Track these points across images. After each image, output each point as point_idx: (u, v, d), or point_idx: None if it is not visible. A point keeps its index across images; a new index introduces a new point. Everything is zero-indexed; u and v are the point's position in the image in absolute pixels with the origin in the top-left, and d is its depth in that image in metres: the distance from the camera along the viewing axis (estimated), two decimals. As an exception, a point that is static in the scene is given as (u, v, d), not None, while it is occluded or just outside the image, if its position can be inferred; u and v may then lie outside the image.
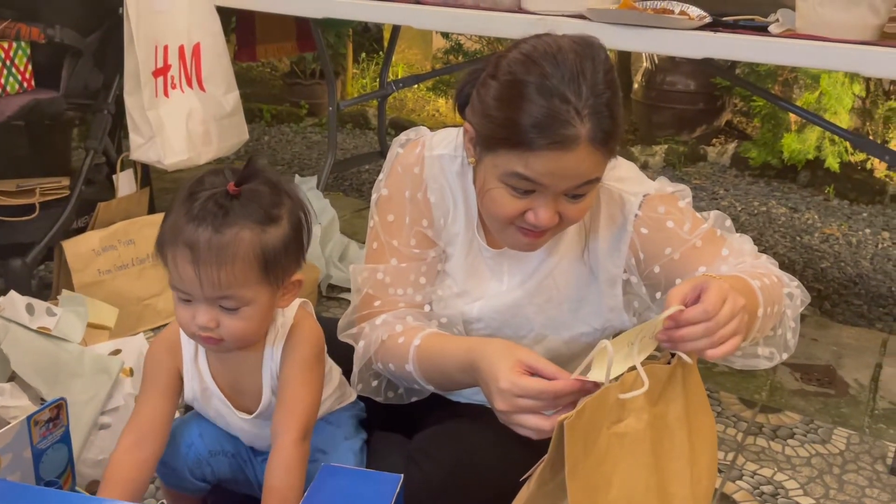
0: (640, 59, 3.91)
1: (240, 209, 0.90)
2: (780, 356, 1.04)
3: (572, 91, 0.92)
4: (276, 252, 0.92)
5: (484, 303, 1.13)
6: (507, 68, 0.96)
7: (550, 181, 0.95)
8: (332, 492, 0.83)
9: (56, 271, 1.86)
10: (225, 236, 0.89)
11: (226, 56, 2.12)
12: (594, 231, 1.10)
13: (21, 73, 1.73)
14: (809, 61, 1.51)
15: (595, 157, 0.95)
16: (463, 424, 1.15)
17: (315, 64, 4.00)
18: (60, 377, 1.35)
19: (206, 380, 1.03)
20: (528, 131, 0.92)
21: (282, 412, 1.00)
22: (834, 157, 3.05)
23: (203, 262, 0.89)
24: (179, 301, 0.94)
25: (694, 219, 1.08)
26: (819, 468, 1.53)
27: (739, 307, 0.87)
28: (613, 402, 0.85)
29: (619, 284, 1.11)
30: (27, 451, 1.10)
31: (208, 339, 0.95)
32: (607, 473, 0.84)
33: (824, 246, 2.68)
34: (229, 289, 0.91)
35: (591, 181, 0.98)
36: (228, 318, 0.93)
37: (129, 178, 1.97)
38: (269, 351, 1.01)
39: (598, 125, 0.93)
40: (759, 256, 1.07)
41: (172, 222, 0.92)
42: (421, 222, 1.14)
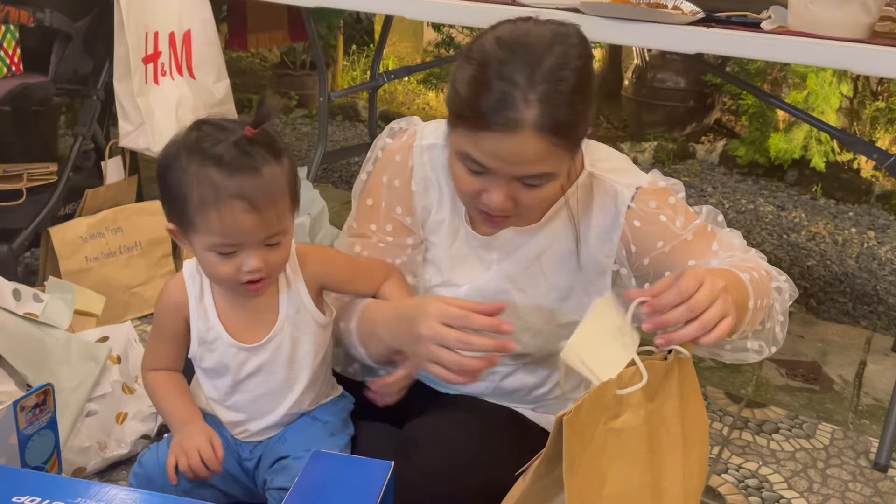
0: (630, 55, 3.92)
1: (261, 150, 0.95)
2: (768, 350, 1.05)
3: (524, 76, 0.92)
4: (295, 178, 1.00)
5: (469, 287, 1.14)
6: (477, 49, 0.97)
7: (496, 164, 0.96)
8: (322, 478, 0.83)
9: (42, 258, 1.84)
10: (266, 176, 0.94)
11: (216, 44, 2.10)
12: (585, 220, 1.10)
13: (10, 56, 1.70)
14: (801, 58, 1.52)
15: (541, 145, 0.93)
16: (452, 415, 1.16)
17: (305, 55, 3.98)
18: (47, 363, 1.34)
19: (211, 318, 1.05)
20: (477, 110, 0.93)
21: (369, 290, 1.10)
22: (820, 157, 3.07)
23: (262, 206, 0.94)
24: (220, 258, 0.97)
25: (686, 213, 1.09)
26: (803, 462, 1.55)
27: (719, 289, 0.86)
28: (611, 397, 0.85)
29: (608, 275, 1.11)
30: (13, 436, 1.09)
31: (254, 284, 0.99)
32: (602, 469, 0.85)
33: (811, 244, 2.70)
34: (280, 223, 0.97)
35: (545, 174, 0.97)
36: (272, 253, 0.99)
37: (118, 166, 1.96)
38: (283, 281, 1.05)
39: (547, 112, 0.91)
40: (749, 251, 1.08)
41: (205, 182, 0.93)
42: (395, 209, 1.15)
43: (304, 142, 3.60)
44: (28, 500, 0.77)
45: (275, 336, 1.06)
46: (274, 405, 1.10)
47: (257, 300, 1.05)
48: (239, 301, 1.05)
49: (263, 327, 1.06)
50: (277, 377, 1.08)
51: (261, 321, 1.06)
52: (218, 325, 1.05)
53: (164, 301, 1.09)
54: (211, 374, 1.09)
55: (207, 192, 0.93)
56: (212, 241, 0.96)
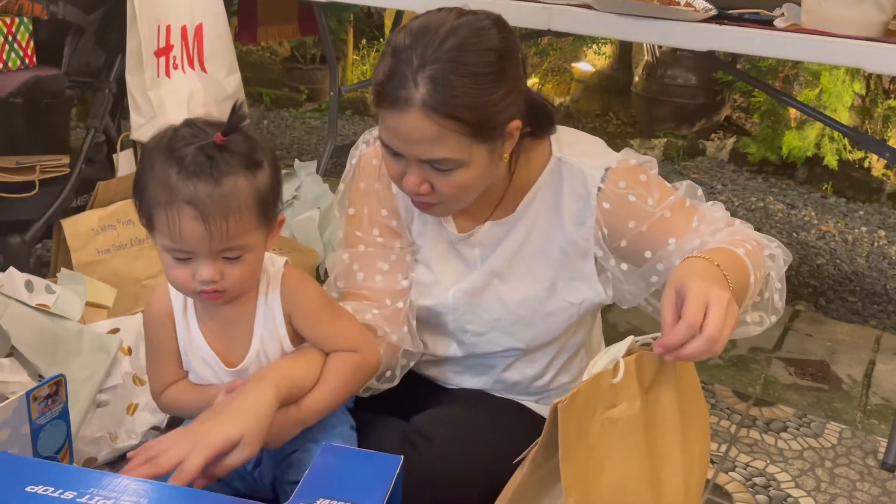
0: (641, 52, 3.91)
1: (230, 158, 0.91)
2: (769, 319, 1.04)
3: (418, 55, 0.94)
4: (267, 195, 0.94)
5: (457, 288, 1.14)
6: (392, 37, 1.00)
7: (397, 144, 0.98)
8: (332, 471, 0.84)
9: (55, 250, 1.85)
10: (225, 187, 0.90)
11: (228, 38, 2.11)
12: (558, 206, 1.10)
13: (23, 49, 1.71)
14: (814, 56, 1.51)
15: (431, 125, 0.94)
16: (459, 408, 1.16)
17: (315, 49, 3.98)
18: (59, 354, 1.35)
19: (193, 331, 1.02)
20: (377, 90, 0.97)
21: (327, 345, 1.02)
22: (832, 155, 3.06)
23: (211, 215, 0.89)
24: (175, 262, 0.94)
25: (661, 189, 1.07)
26: (811, 461, 1.55)
27: (725, 303, 0.85)
28: (607, 387, 0.85)
29: (591, 257, 1.11)
30: (25, 426, 1.10)
31: (210, 294, 0.95)
32: (600, 458, 0.85)
33: (820, 243, 2.69)
34: (236, 238, 0.92)
35: (446, 159, 0.97)
36: (231, 267, 0.94)
37: (129, 158, 1.96)
38: (262, 300, 1.01)
39: (437, 92, 0.93)
40: (733, 222, 1.06)
41: (162, 184, 0.90)
42: (380, 212, 1.15)
43: (313, 136, 3.60)
44: (41, 490, 0.78)
45: (250, 364, 1.02)
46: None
47: (234, 315, 1.01)
48: (219, 314, 1.01)
49: (241, 348, 1.02)
50: None
51: (238, 339, 1.02)
52: (200, 339, 1.02)
53: (153, 314, 1.05)
54: (200, 383, 1.07)
55: (161, 192, 0.90)
56: (164, 243, 0.93)
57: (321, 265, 2.13)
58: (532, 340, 1.15)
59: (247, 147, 0.93)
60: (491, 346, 1.16)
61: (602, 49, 4.09)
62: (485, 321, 1.14)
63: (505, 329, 1.14)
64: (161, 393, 1.07)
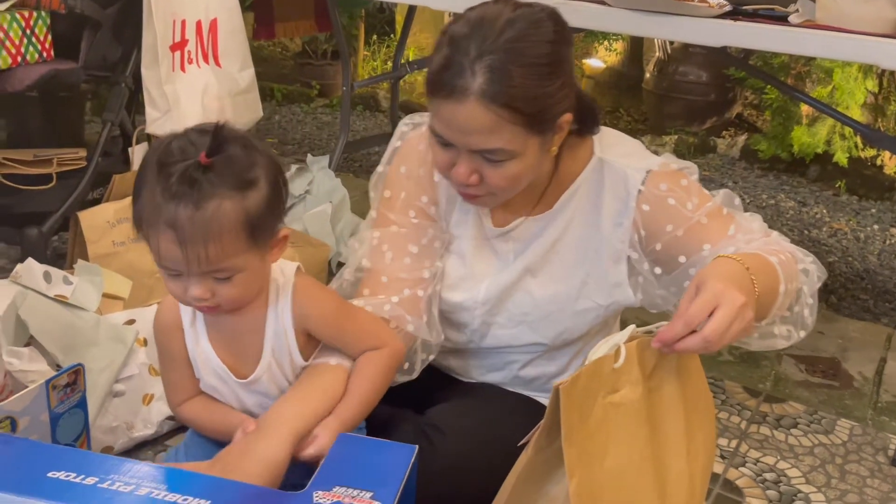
0: (652, 48, 3.90)
1: (216, 179, 0.86)
2: (797, 334, 1.04)
3: (476, 45, 0.94)
4: (259, 216, 0.90)
5: (489, 282, 1.14)
6: (447, 29, 1.00)
7: (450, 134, 0.98)
8: (348, 461, 0.85)
9: (71, 242, 1.87)
10: (206, 211, 0.85)
11: (242, 32, 2.12)
12: (597, 206, 1.10)
13: (41, 42, 1.73)
14: (829, 52, 1.51)
15: (487, 115, 0.94)
16: (473, 401, 1.17)
17: (327, 44, 3.99)
18: (77, 344, 1.37)
19: (202, 342, 1.01)
20: (434, 80, 0.97)
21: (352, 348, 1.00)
22: (843, 152, 3.04)
23: (189, 241, 0.86)
24: (168, 276, 0.92)
25: (700, 195, 1.07)
26: (822, 458, 1.55)
27: (737, 307, 0.84)
28: (608, 371, 0.86)
29: (624, 261, 1.11)
30: (45, 414, 1.12)
31: (204, 308, 0.94)
32: (602, 442, 0.86)
33: (832, 240, 2.69)
34: (219, 262, 0.88)
35: (499, 150, 0.97)
36: (222, 286, 0.91)
37: (144, 152, 1.98)
38: (272, 311, 0.98)
39: (492, 82, 0.93)
40: (770, 233, 1.06)
41: (149, 201, 0.87)
42: (420, 198, 1.15)
43: (324, 131, 3.62)
44: (62, 475, 0.79)
45: (261, 374, 1.00)
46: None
47: (243, 325, 0.98)
48: (227, 325, 0.99)
49: (251, 358, 1.00)
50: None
51: (248, 350, 1.00)
52: (209, 351, 1.00)
53: (161, 325, 1.03)
54: (213, 392, 1.05)
55: (147, 210, 0.88)
56: (156, 260, 0.91)
57: (333, 258, 2.14)
58: (556, 337, 1.15)
59: (239, 166, 0.88)
60: (515, 340, 1.16)
61: (613, 45, 4.08)
62: (513, 315, 1.15)
63: (532, 324, 1.14)
64: (178, 406, 1.05)
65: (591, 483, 0.84)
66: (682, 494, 0.93)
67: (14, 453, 0.84)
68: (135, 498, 0.76)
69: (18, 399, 1.07)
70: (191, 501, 0.76)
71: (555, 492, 0.89)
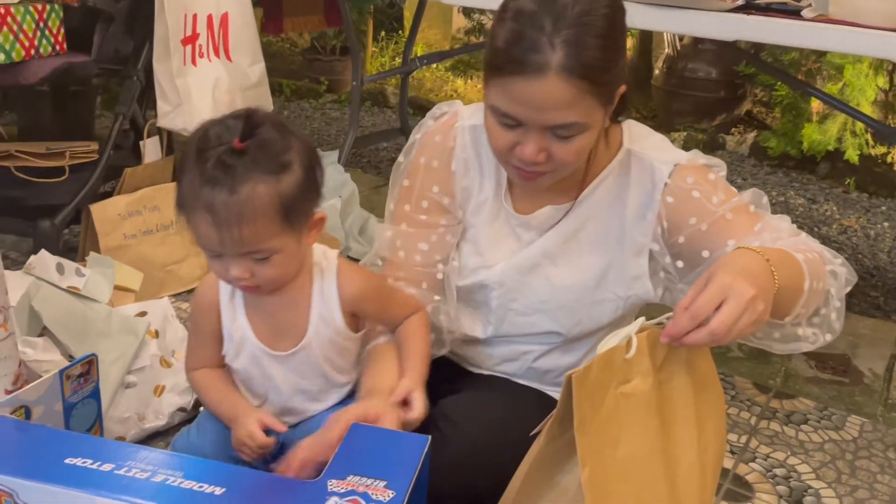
0: (661, 45, 3.89)
1: (250, 164, 0.89)
2: (823, 338, 1.02)
3: (551, 22, 0.93)
4: (293, 199, 0.92)
5: (504, 264, 1.14)
6: (511, 4, 0.98)
7: (526, 113, 0.96)
8: (362, 450, 0.85)
9: (83, 234, 1.88)
10: (241, 195, 0.88)
11: (253, 27, 2.13)
12: (623, 198, 1.10)
13: (54, 35, 1.74)
14: (842, 46, 1.50)
15: (568, 89, 0.93)
16: (484, 393, 1.17)
17: (336, 40, 3.99)
18: (89, 336, 1.38)
19: (239, 318, 1.03)
20: (507, 58, 0.95)
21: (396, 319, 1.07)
22: (854, 150, 3.03)
23: (224, 224, 0.89)
24: (210, 256, 0.96)
25: (727, 191, 1.06)
26: (832, 454, 1.55)
27: (746, 300, 0.83)
28: (620, 362, 0.86)
29: (646, 254, 1.10)
30: (58, 404, 1.13)
31: (246, 287, 0.98)
32: (614, 432, 0.86)
33: (842, 238, 2.68)
34: (254, 244, 0.92)
35: (574, 123, 0.97)
36: (261, 266, 0.94)
37: (156, 145, 1.99)
38: (318, 291, 1.03)
39: (572, 55, 0.92)
40: (799, 234, 1.05)
41: (188, 184, 0.91)
42: (431, 188, 1.15)
43: (332, 126, 3.62)
44: (79, 462, 0.80)
45: (302, 349, 1.04)
46: (304, 408, 1.09)
47: (286, 303, 1.02)
48: (268, 303, 1.02)
49: (291, 335, 1.03)
50: (308, 385, 1.07)
51: (289, 327, 1.04)
52: (245, 327, 1.03)
53: (199, 299, 1.07)
54: (241, 374, 1.08)
55: (187, 194, 0.92)
56: (195, 240, 0.95)
57: (343, 252, 2.15)
58: (573, 328, 1.15)
59: (273, 150, 0.91)
60: (532, 328, 1.16)
61: (622, 42, 4.07)
62: (530, 302, 1.14)
63: (549, 312, 1.14)
64: (192, 370, 1.10)
65: (602, 473, 0.84)
66: (692, 486, 0.93)
67: (31, 440, 0.84)
68: (151, 485, 0.76)
69: (33, 388, 1.08)
70: (206, 489, 0.76)
71: (566, 481, 0.90)
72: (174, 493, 0.75)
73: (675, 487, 0.91)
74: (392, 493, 0.77)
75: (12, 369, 1.18)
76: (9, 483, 0.77)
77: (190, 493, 0.75)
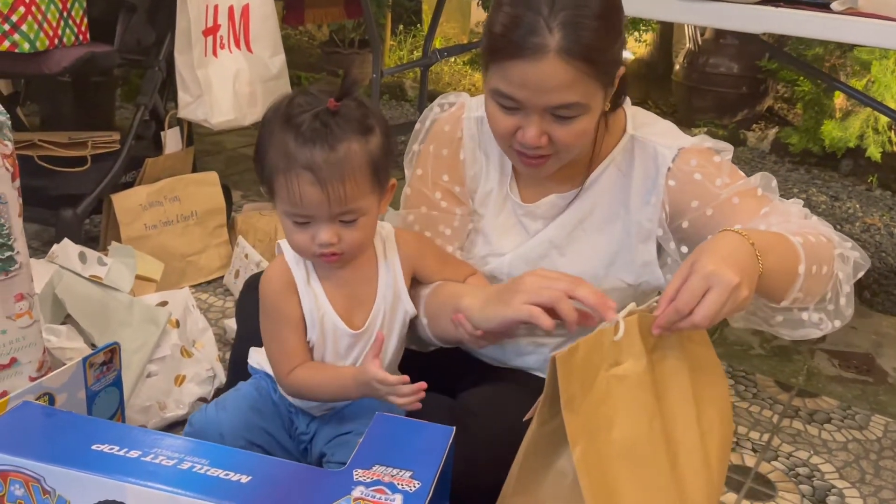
0: (682, 40, 3.86)
1: (344, 124, 0.94)
2: (831, 324, 1.01)
3: (546, 2, 0.94)
4: (380, 159, 0.97)
5: (513, 255, 1.14)
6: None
7: (526, 95, 0.97)
8: (387, 440, 0.85)
9: (104, 224, 1.89)
10: (339, 152, 0.93)
11: (273, 18, 2.12)
12: (628, 184, 1.09)
13: (77, 25, 1.74)
14: (872, 39, 1.48)
15: (567, 70, 0.94)
16: (504, 386, 1.16)
17: (354, 33, 3.99)
18: (111, 324, 1.39)
19: (320, 300, 1.04)
20: (505, 41, 0.96)
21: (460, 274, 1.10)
22: (876, 147, 2.99)
23: (328, 180, 0.92)
24: (295, 226, 0.97)
25: (732, 174, 1.05)
26: (855, 453, 1.53)
27: (729, 289, 0.84)
28: (609, 344, 0.86)
29: (653, 240, 1.10)
30: (81, 392, 1.13)
31: (329, 256, 0.99)
32: (608, 414, 0.86)
33: (865, 235, 2.64)
34: (353, 201, 0.95)
35: (574, 104, 0.97)
36: (347, 230, 0.97)
37: (176, 136, 1.99)
38: (383, 264, 1.06)
39: (570, 36, 0.93)
40: (810, 217, 1.04)
41: (280, 149, 0.94)
42: (441, 177, 1.16)
43: (350, 120, 3.62)
44: (106, 448, 0.80)
45: (372, 323, 1.05)
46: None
47: (354, 277, 1.04)
48: (340, 276, 1.03)
49: (365, 308, 1.05)
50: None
51: (363, 299, 1.05)
52: (326, 305, 1.03)
53: (272, 286, 1.04)
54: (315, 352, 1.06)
55: (280, 158, 0.94)
56: (284, 209, 0.97)
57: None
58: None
59: (359, 113, 0.96)
60: None
61: (643, 37, 4.04)
62: None
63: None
64: (288, 374, 1.04)
65: (597, 453, 0.84)
66: (695, 466, 0.91)
67: (58, 426, 0.85)
68: (177, 472, 0.76)
69: (57, 376, 1.08)
70: (232, 477, 0.76)
71: (563, 465, 0.89)
72: (201, 480, 0.75)
73: (677, 468, 0.90)
74: (418, 483, 0.77)
75: (37, 356, 1.19)
76: (36, 468, 0.77)
77: (216, 481, 0.75)
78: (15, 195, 1.13)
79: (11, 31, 1.60)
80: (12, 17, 1.59)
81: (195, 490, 0.74)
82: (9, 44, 1.60)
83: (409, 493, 0.76)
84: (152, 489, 0.74)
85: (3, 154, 1.10)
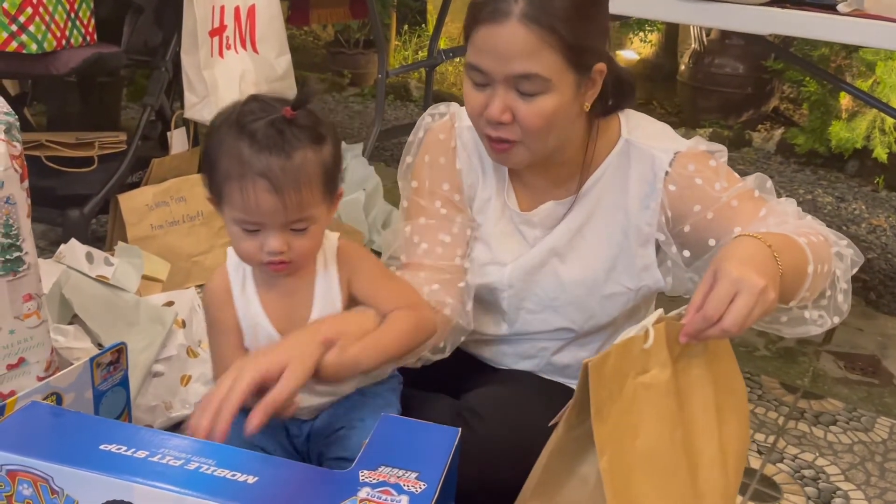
0: (687, 40, 3.85)
1: (298, 132, 0.93)
2: (830, 320, 1.01)
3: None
4: (332, 168, 0.97)
5: (513, 266, 1.14)
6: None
7: (488, 62, 0.98)
8: (393, 441, 0.85)
9: (111, 224, 1.90)
10: (295, 160, 0.92)
11: (279, 19, 2.13)
12: (625, 189, 1.09)
13: (85, 26, 1.75)
14: (878, 41, 1.48)
15: (529, 36, 0.95)
16: (509, 386, 1.17)
17: (359, 33, 4.00)
18: (118, 324, 1.39)
19: (254, 308, 1.03)
20: (473, 9, 0.99)
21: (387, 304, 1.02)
22: (883, 148, 2.98)
23: (284, 188, 0.92)
24: (244, 233, 0.95)
25: (729, 177, 1.05)
26: (861, 455, 1.53)
27: (757, 292, 0.84)
28: (638, 352, 0.86)
29: (652, 244, 1.10)
30: (89, 392, 1.13)
31: (278, 265, 0.97)
32: (634, 422, 0.85)
33: (871, 237, 2.64)
34: (307, 209, 0.94)
35: (535, 76, 0.97)
36: (297, 238, 0.96)
37: (182, 137, 2.00)
38: (321, 275, 1.02)
39: (536, 3, 0.95)
40: (805, 217, 1.04)
41: (234, 156, 0.92)
42: (441, 186, 1.15)
43: (356, 120, 3.62)
44: (114, 448, 0.80)
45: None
46: (320, 391, 1.07)
47: (293, 285, 1.02)
48: (277, 285, 1.02)
49: (300, 320, 1.03)
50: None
51: (299, 308, 1.03)
52: (259, 314, 1.03)
53: (212, 294, 1.06)
54: None
55: (234, 166, 0.92)
56: (235, 216, 0.95)
57: (366, 245, 2.15)
58: (586, 322, 1.15)
59: (311, 121, 0.95)
60: (544, 325, 1.16)
61: (648, 37, 4.04)
62: (540, 299, 1.14)
63: (560, 309, 1.14)
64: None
65: (621, 462, 0.83)
66: (715, 477, 0.92)
67: (66, 426, 0.85)
68: (185, 472, 0.76)
69: (64, 375, 1.09)
70: (239, 477, 0.76)
71: (586, 471, 0.89)
72: (208, 480, 0.75)
73: (697, 479, 0.90)
74: (424, 484, 0.77)
75: (45, 356, 1.19)
76: (44, 468, 0.78)
77: (223, 482, 0.76)
78: (24, 196, 1.14)
79: (19, 31, 1.61)
80: (20, 18, 1.60)
81: (202, 490, 0.74)
82: (16, 44, 1.61)
83: (414, 494, 0.76)
84: (160, 489, 0.75)
85: (12, 155, 1.11)
